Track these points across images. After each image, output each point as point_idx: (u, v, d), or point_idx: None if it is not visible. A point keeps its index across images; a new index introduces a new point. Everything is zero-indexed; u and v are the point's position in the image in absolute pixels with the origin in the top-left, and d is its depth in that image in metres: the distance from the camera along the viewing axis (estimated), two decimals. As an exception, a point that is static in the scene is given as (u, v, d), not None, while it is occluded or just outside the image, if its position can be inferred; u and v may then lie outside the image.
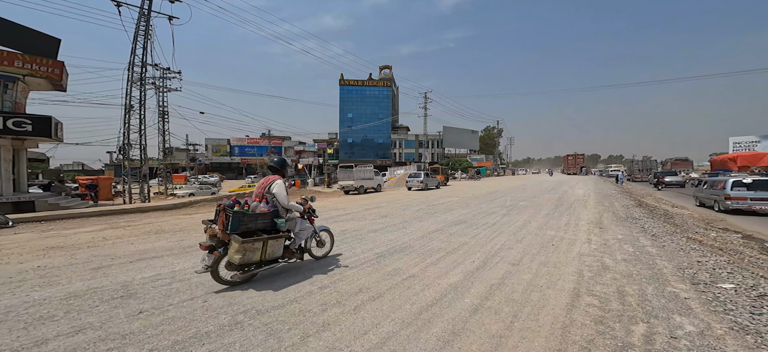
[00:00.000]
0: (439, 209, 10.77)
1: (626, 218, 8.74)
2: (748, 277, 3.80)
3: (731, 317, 2.77)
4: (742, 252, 5.48)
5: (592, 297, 3.19)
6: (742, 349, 2.24)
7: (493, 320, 2.74)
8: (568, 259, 4.62)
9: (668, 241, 5.86)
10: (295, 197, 5.65)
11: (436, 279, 3.84)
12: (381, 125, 62.70)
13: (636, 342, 2.32)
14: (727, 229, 8.01)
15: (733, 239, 6.76)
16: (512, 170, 74.60)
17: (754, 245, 6.30)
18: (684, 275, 3.89)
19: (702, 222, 8.74)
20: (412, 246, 5.60)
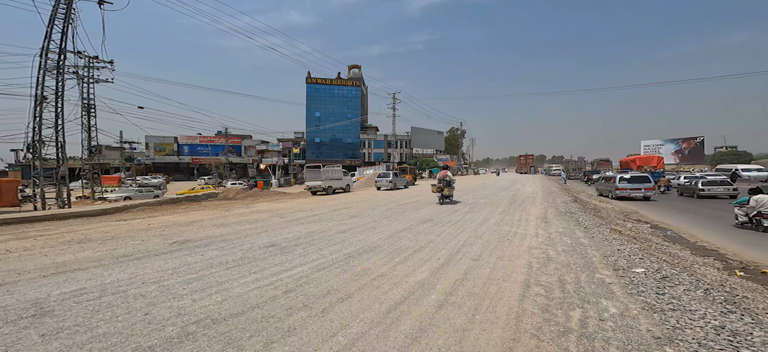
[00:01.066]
0: (408, 209, 11.03)
1: (565, 212, 9.85)
2: (655, 261, 4.55)
3: (643, 297, 3.24)
4: (650, 240, 6.61)
5: (539, 287, 3.53)
6: (651, 325, 2.65)
7: (457, 315, 2.88)
8: (520, 252, 5.06)
9: (596, 232, 6.74)
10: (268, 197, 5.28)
11: (404, 277, 3.92)
12: (350, 125, 62.04)
13: (574, 327, 2.62)
14: (640, 220, 9.60)
15: (644, 228, 8.12)
16: (474, 170, 79.54)
17: (659, 233, 7.65)
18: (608, 262, 4.50)
19: (621, 214, 10.34)
20: (381, 246, 5.64)
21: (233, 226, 7.94)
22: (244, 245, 5.75)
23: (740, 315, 2.87)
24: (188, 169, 57.14)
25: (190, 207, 12.69)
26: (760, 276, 4.53)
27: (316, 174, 19.91)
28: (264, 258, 4.87)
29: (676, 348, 2.27)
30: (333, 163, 38.64)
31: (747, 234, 7.45)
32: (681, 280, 3.77)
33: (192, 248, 5.51)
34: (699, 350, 2.26)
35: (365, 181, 30.20)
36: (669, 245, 6.28)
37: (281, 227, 7.79)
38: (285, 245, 5.73)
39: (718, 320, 2.74)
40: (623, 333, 2.48)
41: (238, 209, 11.70)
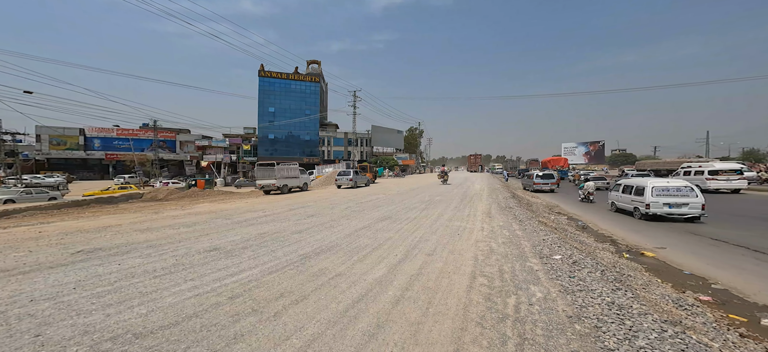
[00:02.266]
0: (367, 207, 11.09)
1: (506, 208, 11.02)
2: (568, 249, 5.44)
3: (559, 282, 3.73)
4: (566, 230, 7.90)
5: (483, 277, 3.90)
6: (565, 306, 3.15)
7: (412, 309, 3.02)
8: (468, 245, 5.54)
9: (528, 225, 7.75)
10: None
11: (362, 275, 3.95)
12: (308, 122, 59.34)
13: (510, 312, 2.96)
14: (560, 212, 11.36)
15: (563, 220, 9.65)
16: (431, 168, 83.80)
17: (573, 224, 9.17)
18: (536, 251, 5.21)
19: (547, 208, 12.09)
20: (340, 245, 5.57)
21: (163, 230, 6.94)
22: (178, 251, 5.09)
23: (625, 291, 3.59)
24: (101, 166, 47.40)
25: (102, 211, 10.63)
26: (640, 257, 5.81)
27: (270, 172, 18.55)
28: (204, 263, 4.39)
29: (582, 324, 2.74)
30: (289, 160, 36.53)
31: (632, 223, 9.35)
32: (586, 264, 4.57)
33: (105, 257, 4.67)
34: (597, 324, 2.75)
35: (324, 179, 29.31)
36: (579, 234, 7.59)
37: (226, 229, 7.08)
38: (231, 249, 5.24)
39: (610, 297, 3.37)
40: (546, 315, 2.90)
41: (170, 212, 10.23)
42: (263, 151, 55.97)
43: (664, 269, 5.10)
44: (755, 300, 3.78)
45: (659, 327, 2.70)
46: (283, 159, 45.62)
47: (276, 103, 57.89)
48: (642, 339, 2.48)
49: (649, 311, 3.05)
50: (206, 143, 54.16)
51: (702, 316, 3.18)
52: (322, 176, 31.94)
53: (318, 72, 64.31)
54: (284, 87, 58.91)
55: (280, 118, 57.35)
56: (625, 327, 2.68)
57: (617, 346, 2.38)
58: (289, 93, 59.19)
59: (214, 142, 54.25)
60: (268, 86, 57.78)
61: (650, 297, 3.54)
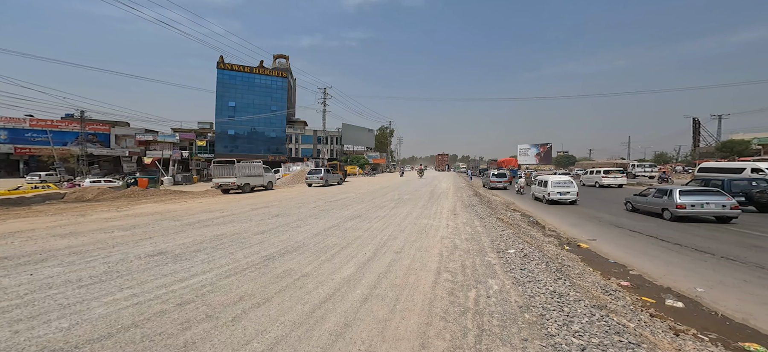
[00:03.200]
0: (336, 206, 10.92)
1: (469, 205, 11.67)
2: (521, 243, 5.99)
3: (513, 274, 4.04)
4: (520, 225, 8.70)
5: (447, 273, 4.11)
6: (517, 297, 3.46)
7: (380, 306, 3.08)
8: (434, 242, 5.79)
9: (488, 221, 8.34)
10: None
11: (330, 275, 3.90)
12: (274, 118, 56.25)
13: (470, 305, 3.16)
14: (516, 209, 12.44)
15: (517, 216, 10.60)
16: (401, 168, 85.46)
17: (525, 220, 10.12)
18: (494, 246, 5.65)
19: (504, 205, 13.12)
20: (307, 245, 5.41)
21: (92, 234, 6.06)
22: (111, 257, 4.50)
23: (564, 280, 4.07)
24: (8, 162, 39.21)
25: (9, 214, 8.91)
26: (577, 249, 6.65)
27: (229, 170, 17.16)
28: (146, 270, 3.96)
29: (530, 313, 3.04)
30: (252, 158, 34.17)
31: (573, 217, 10.59)
32: (534, 256, 5.08)
33: (12, 268, 3.97)
34: (543, 312, 3.07)
35: (291, 177, 28.06)
36: (530, 229, 8.42)
37: (175, 231, 6.42)
38: (180, 253, 4.79)
39: (552, 286, 3.78)
40: (501, 306, 3.15)
41: (101, 213, 8.95)
42: (222, 148, 51.67)
43: (594, 258, 5.91)
44: (661, 283, 4.59)
45: (589, 312, 3.08)
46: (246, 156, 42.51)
47: (237, 98, 53.80)
48: (576, 324, 2.79)
49: (582, 297, 3.48)
50: (150, 138, 47.78)
51: (622, 300, 3.75)
52: (290, 175, 30.52)
53: (286, 67, 61.28)
54: (247, 81, 55.02)
55: (242, 114, 53.48)
56: (564, 314, 3.01)
57: (558, 331, 2.64)
58: (252, 87, 55.47)
59: (161, 137, 48.08)
60: (228, 79, 53.52)
61: (584, 285, 4.07)
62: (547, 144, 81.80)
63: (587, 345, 2.39)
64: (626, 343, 2.46)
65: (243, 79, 54.50)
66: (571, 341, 2.44)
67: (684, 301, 3.93)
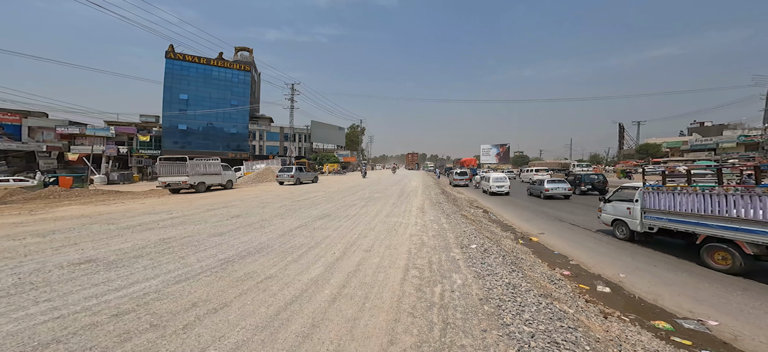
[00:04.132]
0: (304, 205, 10.54)
1: (436, 203, 11.82)
2: (482, 238, 6.41)
3: (474, 269, 4.20)
4: (482, 221, 9.33)
5: (415, 270, 4.23)
6: (478, 290, 3.68)
7: (349, 305, 3.06)
8: (403, 240, 5.93)
9: (453, 218, 8.73)
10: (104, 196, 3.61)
11: (296, 276, 3.76)
12: (236, 113, 52.22)
13: (436, 300, 3.29)
14: (478, 206, 13.32)
15: (479, 213, 11.36)
16: (372, 166, 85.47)
17: (487, 216, 10.89)
18: (458, 242, 5.94)
19: (468, 203, 13.98)
20: (271, 246, 5.15)
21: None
22: (21, 268, 3.82)
23: (517, 272, 4.46)
24: None
25: None
26: (529, 242, 7.37)
27: (180, 167, 15.45)
28: (70, 280, 3.43)
29: (489, 305, 3.26)
30: (209, 155, 31.12)
31: (527, 213, 11.66)
32: (493, 250, 5.49)
33: None
34: (499, 303, 3.29)
35: (255, 176, 26.29)
36: (490, 225, 9.10)
37: (109, 236, 5.63)
38: (116, 260, 4.23)
39: (507, 278, 4.10)
40: (464, 300, 3.33)
41: (8, 218, 7.51)
42: (171, 144, 46.50)
43: (543, 251, 6.61)
44: (594, 271, 5.31)
45: (537, 301, 3.40)
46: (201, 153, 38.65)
47: (191, 90, 48.91)
48: (527, 313, 3.02)
49: (532, 287, 3.84)
50: (76, 131, 40.66)
51: (564, 288, 4.25)
52: (253, 173, 28.58)
53: (249, 60, 57.28)
54: (203, 73, 50.33)
55: (197, 107, 48.78)
56: (517, 303, 3.25)
57: (512, 321, 2.84)
58: (209, 80, 50.90)
59: (91, 130, 41.15)
60: (180, 70, 48.42)
61: (534, 276, 4.53)
62: (506, 145, 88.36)
63: (536, 332, 2.64)
64: (566, 328, 2.76)
65: (198, 70, 49.69)
66: (523, 329, 2.68)
67: (611, 286, 4.60)
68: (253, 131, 56.11)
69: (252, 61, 58.10)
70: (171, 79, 47.06)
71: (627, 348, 2.72)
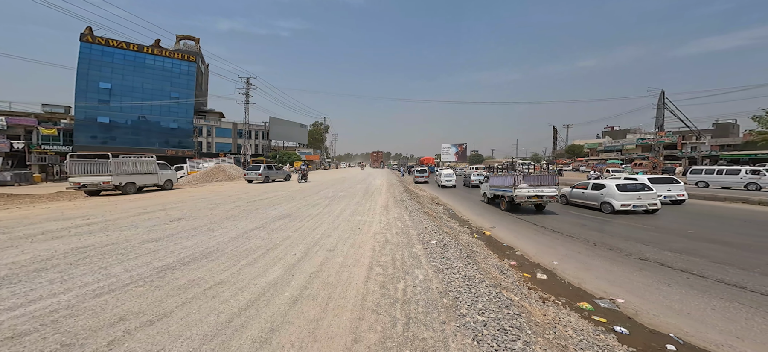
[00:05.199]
0: (262, 205, 9.82)
1: (400, 201, 11.93)
2: (441, 234, 6.75)
3: (434, 263, 4.31)
4: (442, 218, 9.85)
5: (379, 267, 4.24)
6: (438, 284, 3.78)
7: (312, 306, 2.94)
8: (367, 238, 5.91)
9: (416, 215, 8.97)
10: None
11: (253, 280, 3.48)
12: (176, 107, 46.28)
13: (399, 296, 3.34)
14: (439, 203, 13.99)
15: (440, 209, 11.96)
16: (336, 164, 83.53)
17: (447, 212, 11.48)
18: (420, 238, 6.05)
19: (430, 200, 14.58)
20: (222, 250, 4.68)
21: None
22: None
23: (472, 265, 4.76)
24: None
25: None
26: (483, 236, 8.01)
27: (100, 166, 13.04)
28: None
29: (447, 298, 3.40)
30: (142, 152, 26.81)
31: (479, 208, 12.47)
32: (451, 245, 5.80)
33: None
34: (457, 296, 3.34)
35: (202, 175, 23.52)
36: (449, 220, 9.63)
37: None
38: (9, 274, 3.48)
39: (464, 271, 4.21)
40: (425, 294, 3.43)
41: None
42: (87, 139, 39.24)
43: (494, 243, 7.24)
44: (534, 260, 6.00)
45: (489, 291, 3.59)
46: (131, 150, 33.12)
47: (116, 79, 42.01)
48: (480, 303, 3.18)
49: (484, 278, 4.13)
50: None
51: (511, 277, 4.71)
52: (199, 172, 25.54)
53: (194, 50, 51.44)
54: (133, 61, 43.63)
55: (123, 98, 42.11)
56: (472, 295, 3.37)
57: (468, 311, 2.97)
58: (142, 69, 44.37)
59: None
60: (100, 56, 41.30)
61: (486, 267, 4.94)
62: (463, 144, 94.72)
63: (488, 320, 2.84)
64: (512, 314, 3.04)
65: (126, 58, 42.89)
66: (477, 318, 2.87)
67: (547, 273, 5.25)
68: (199, 127, 50.43)
69: (198, 51, 52.19)
70: (87, 65, 39.65)
71: (560, 329, 3.08)
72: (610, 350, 2.78)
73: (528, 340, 2.53)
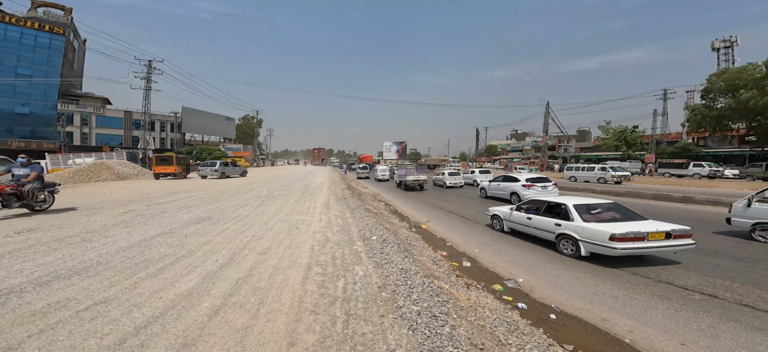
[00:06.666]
0: (171, 208, 8.10)
1: (342, 198, 11.55)
2: (382, 230, 6.89)
3: (375, 259, 4.29)
4: (383, 214, 10.13)
5: (318, 267, 4.05)
6: (377, 279, 3.80)
7: (239, 315, 2.59)
8: (306, 238, 5.57)
9: (358, 213, 8.59)
10: None
11: (155, 294, 2.83)
12: (28, 87, 34.34)
13: (339, 294, 3.25)
14: (381, 200, 14.34)
15: (381, 206, 12.28)
16: (272, 161, 76.21)
17: (388, 209, 11.88)
18: (361, 235, 5.85)
19: (372, 197, 14.74)
20: (107, 263, 3.66)
21: None
22: None
23: (409, 258, 5.01)
24: None
25: None
26: (420, 230, 8.57)
27: None
28: None
29: (386, 291, 3.45)
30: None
31: (417, 203, 13.20)
32: (391, 240, 5.97)
33: None
34: (395, 289, 3.35)
35: (73, 174, 17.68)
36: (390, 216, 9.95)
37: None
38: None
39: (401, 264, 4.21)
40: (365, 290, 3.42)
41: None
42: None
43: (430, 236, 7.83)
44: (461, 250, 6.76)
45: (423, 281, 3.67)
46: None
47: None
48: (415, 293, 3.30)
49: (419, 270, 4.36)
50: None
51: (442, 267, 5.16)
52: (67, 170, 19.26)
53: (63, 21, 39.30)
54: None
55: None
56: (408, 286, 3.47)
57: (404, 303, 3.04)
58: None
59: None
60: None
61: (421, 259, 5.30)
62: (404, 142, 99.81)
63: (421, 310, 3.00)
64: (442, 301, 3.28)
65: None
66: (412, 308, 3.01)
67: (471, 261, 5.99)
68: (68, 114, 38.51)
69: (69, 23, 39.87)
70: None
71: (480, 311, 3.48)
72: (514, 324, 3.28)
73: (454, 324, 2.77)
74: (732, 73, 25.93)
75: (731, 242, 6.45)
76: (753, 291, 4.06)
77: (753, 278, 4.53)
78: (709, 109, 27.06)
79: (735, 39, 39.51)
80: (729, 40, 39.69)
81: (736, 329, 3.20)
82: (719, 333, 3.14)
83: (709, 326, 3.29)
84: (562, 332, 3.33)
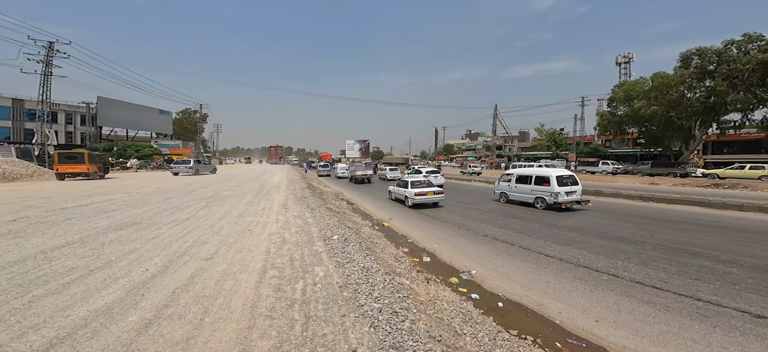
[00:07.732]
0: (80, 214, 6.71)
1: (301, 198, 11.12)
2: (343, 229, 6.74)
3: (336, 259, 4.25)
4: (345, 213, 9.94)
5: (274, 270, 3.81)
6: (339, 278, 3.58)
7: (177, 326, 2.28)
8: (260, 240, 5.18)
9: (318, 212, 8.31)
10: None
11: (59, 312, 2.33)
12: None
13: (297, 297, 3.11)
14: (344, 199, 14.00)
15: (343, 205, 12.02)
16: (219, 159, 68.45)
17: (350, 207, 11.68)
18: (322, 235, 5.73)
19: (334, 195, 14.31)
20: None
21: None
22: None
23: (371, 256, 4.99)
24: None
25: None
26: (383, 227, 8.61)
27: None
28: None
29: (347, 291, 3.35)
30: None
31: (380, 202, 12.92)
32: (353, 239, 5.89)
33: None
34: (356, 287, 3.33)
35: None
36: (352, 215, 9.79)
37: None
38: None
39: (363, 263, 4.24)
40: (325, 290, 3.32)
41: None
42: None
43: (392, 234, 7.92)
44: (421, 245, 6.96)
45: (384, 278, 3.69)
46: None
47: None
48: (377, 291, 3.30)
49: (381, 267, 4.38)
50: None
51: (404, 263, 5.27)
52: None
53: None
54: None
55: None
56: (369, 284, 3.46)
57: (366, 301, 3.02)
58: None
59: None
60: None
61: (383, 256, 5.34)
62: (366, 141, 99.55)
63: (383, 307, 3.01)
64: (403, 296, 3.35)
65: None
66: (374, 306, 3.00)
67: (430, 256, 6.25)
68: None
69: None
70: None
71: (438, 304, 3.62)
72: (469, 314, 3.50)
73: (414, 318, 2.83)
74: (629, 85, 31.59)
75: (500, 206, 11.43)
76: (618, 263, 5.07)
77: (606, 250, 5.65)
78: (612, 115, 32.51)
79: (631, 55, 48.33)
80: (628, 56, 48.40)
81: (632, 304, 3.92)
82: (621, 308, 3.82)
83: (614, 303, 3.96)
84: (508, 319, 3.67)
